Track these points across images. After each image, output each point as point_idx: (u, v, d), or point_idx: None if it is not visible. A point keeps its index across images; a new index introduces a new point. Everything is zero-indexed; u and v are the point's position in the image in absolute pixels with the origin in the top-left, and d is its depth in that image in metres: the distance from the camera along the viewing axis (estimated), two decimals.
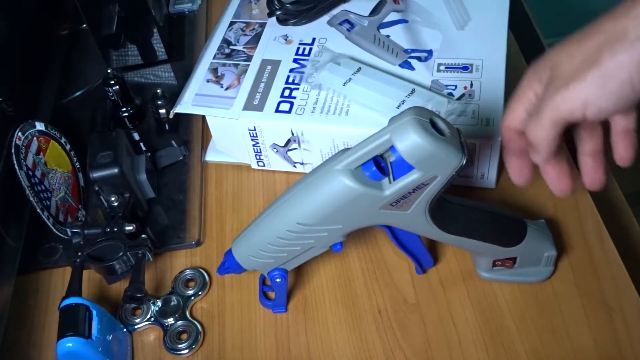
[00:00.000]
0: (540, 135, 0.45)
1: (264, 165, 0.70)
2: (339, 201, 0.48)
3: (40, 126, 0.64)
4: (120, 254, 0.58)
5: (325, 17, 0.74)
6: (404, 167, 0.46)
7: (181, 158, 0.72)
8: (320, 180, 0.48)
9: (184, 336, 0.58)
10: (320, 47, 0.71)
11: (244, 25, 0.76)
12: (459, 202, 0.53)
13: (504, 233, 0.55)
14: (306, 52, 0.70)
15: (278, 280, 0.56)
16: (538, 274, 0.58)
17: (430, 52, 0.68)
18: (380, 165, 0.47)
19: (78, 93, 0.80)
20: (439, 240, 0.54)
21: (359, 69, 0.66)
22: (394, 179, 0.47)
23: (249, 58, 0.71)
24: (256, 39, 0.74)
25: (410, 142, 0.44)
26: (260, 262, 0.55)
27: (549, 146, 0.46)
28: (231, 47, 0.73)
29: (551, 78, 0.44)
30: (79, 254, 0.58)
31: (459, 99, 0.63)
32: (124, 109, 0.74)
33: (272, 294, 0.60)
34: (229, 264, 0.56)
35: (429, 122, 0.45)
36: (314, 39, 0.72)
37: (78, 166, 0.69)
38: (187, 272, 0.63)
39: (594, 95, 0.42)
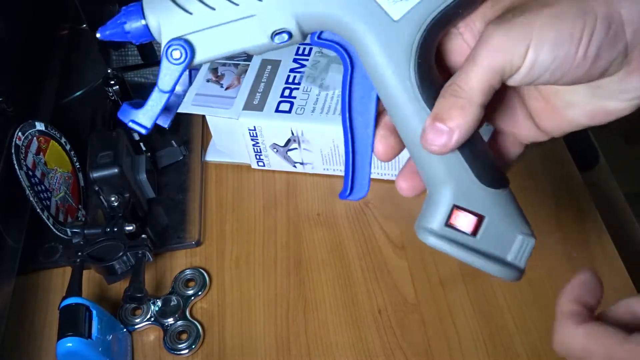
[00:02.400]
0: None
1: (264, 165, 0.70)
2: None
3: (40, 126, 0.64)
4: (120, 254, 0.58)
5: None
6: None
7: (181, 158, 0.72)
8: None
9: (184, 336, 0.58)
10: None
11: None
12: None
13: (490, 160, 0.38)
14: (306, 52, 0.70)
15: (176, 57, 0.36)
16: (502, 266, 0.39)
17: None
18: None
19: (78, 93, 0.80)
20: (398, 120, 0.37)
21: None
22: None
23: (249, 58, 0.71)
24: None
25: None
26: (170, 10, 0.36)
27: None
28: None
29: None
30: (79, 254, 0.58)
31: None
32: None
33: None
34: (126, 14, 0.37)
35: None
36: None
37: (78, 166, 0.69)
38: (187, 272, 0.63)
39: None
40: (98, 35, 0.38)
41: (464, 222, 0.38)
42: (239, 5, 0.35)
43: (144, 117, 0.38)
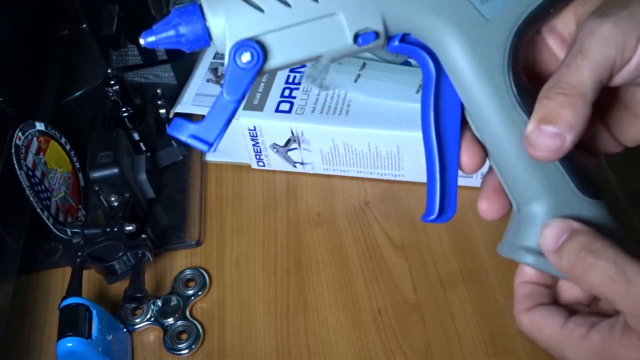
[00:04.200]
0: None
1: (264, 165, 0.70)
2: None
3: (40, 126, 0.64)
4: (120, 254, 0.58)
5: None
6: None
7: (181, 158, 0.72)
8: None
9: (184, 336, 0.58)
10: None
11: None
12: None
13: (586, 169, 0.36)
14: None
15: (246, 61, 0.33)
16: None
17: None
18: None
19: (78, 93, 0.80)
20: (488, 131, 0.35)
21: (364, 65, 0.66)
22: None
23: None
24: None
25: None
26: (237, 8, 0.32)
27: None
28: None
29: None
30: (79, 254, 0.58)
31: None
32: (124, 109, 0.74)
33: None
34: (180, 15, 0.33)
35: None
36: None
37: (78, 166, 0.69)
38: (187, 272, 0.63)
39: None
40: (142, 41, 0.33)
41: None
42: (318, 2, 0.32)
43: (207, 131, 0.35)
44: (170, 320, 0.59)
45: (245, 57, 0.32)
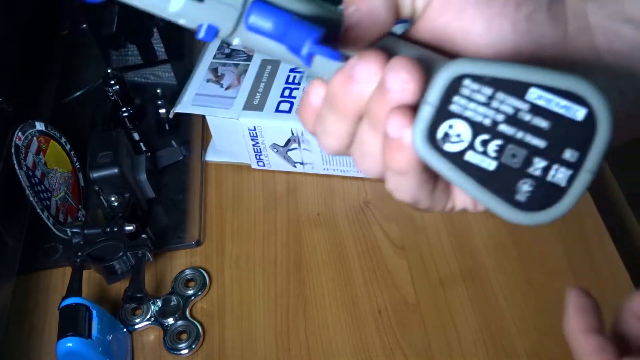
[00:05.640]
0: None
1: (264, 165, 0.70)
2: None
3: (40, 126, 0.64)
4: (120, 254, 0.58)
5: None
6: None
7: (181, 158, 0.72)
8: None
9: (184, 336, 0.58)
10: None
11: None
12: None
13: None
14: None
15: None
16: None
17: None
18: None
19: (78, 93, 0.80)
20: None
21: None
22: None
23: (249, 58, 0.71)
24: None
25: None
26: None
27: None
28: (231, 46, 0.73)
29: None
30: (79, 254, 0.58)
31: None
32: (124, 109, 0.74)
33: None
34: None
35: None
36: None
37: (78, 166, 0.69)
38: (187, 272, 0.63)
39: None
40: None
41: None
42: None
43: None
44: (170, 320, 0.59)
45: None
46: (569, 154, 0.27)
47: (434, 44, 0.31)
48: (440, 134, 0.28)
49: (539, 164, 0.27)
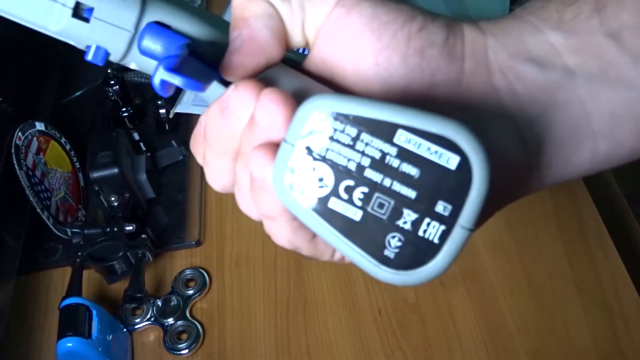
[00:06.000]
0: None
1: None
2: None
3: (40, 126, 0.64)
4: (120, 254, 0.58)
5: None
6: None
7: (181, 158, 0.72)
8: None
9: (184, 336, 0.58)
10: None
11: None
12: None
13: None
14: (306, 52, 0.70)
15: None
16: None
17: None
18: None
19: (78, 93, 0.80)
20: None
21: None
22: None
23: None
24: None
25: None
26: None
27: None
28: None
29: None
30: (79, 254, 0.58)
31: None
32: (124, 109, 0.74)
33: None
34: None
35: None
36: None
37: (78, 166, 0.69)
38: (187, 272, 0.63)
39: None
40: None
41: None
42: None
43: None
44: (170, 320, 0.59)
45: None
46: (441, 207, 0.24)
47: (325, 76, 0.29)
48: (299, 177, 0.25)
49: (408, 216, 0.24)
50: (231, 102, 0.26)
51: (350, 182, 0.24)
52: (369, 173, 0.24)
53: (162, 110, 0.73)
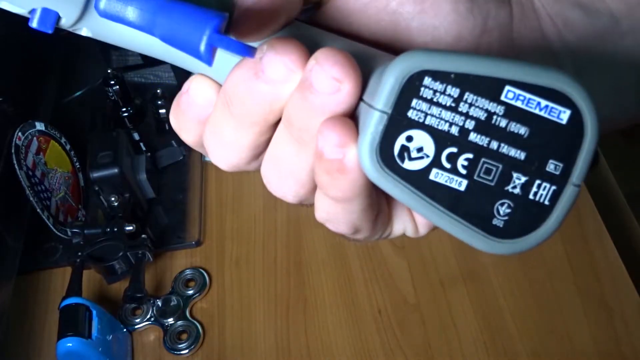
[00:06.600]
0: None
1: None
2: None
3: (40, 126, 0.64)
4: (120, 254, 0.58)
5: None
6: None
7: (181, 158, 0.72)
8: None
9: (184, 336, 0.58)
10: None
11: None
12: None
13: None
14: None
15: None
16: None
17: None
18: None
19: (78, 93, 0.80)
20: None
21: None
22: None
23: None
24: None
25: None
26: None
27: None
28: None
29: None
30: (79, 254, 0.58)
31: None
32: (124, 109, 0.73)
33: None
34: None
35: None
36: None
37: (78, 166, 0.69)
38: (187, 272, 0.63)
39: None
40: None
41: None
42: None
43: None
44: (170, 320, 0.59)
45: None
46: (552, 166, 0.22)
47: (351, 31, 0.25)
48: (396, 149, 0.22)
49: (518, 180, 0.22)
50: (269, 66, 0.22)
51: (453, 149, 0.22)
52: (474, 137, 0.22)
53: (162, 110, 0.73)
